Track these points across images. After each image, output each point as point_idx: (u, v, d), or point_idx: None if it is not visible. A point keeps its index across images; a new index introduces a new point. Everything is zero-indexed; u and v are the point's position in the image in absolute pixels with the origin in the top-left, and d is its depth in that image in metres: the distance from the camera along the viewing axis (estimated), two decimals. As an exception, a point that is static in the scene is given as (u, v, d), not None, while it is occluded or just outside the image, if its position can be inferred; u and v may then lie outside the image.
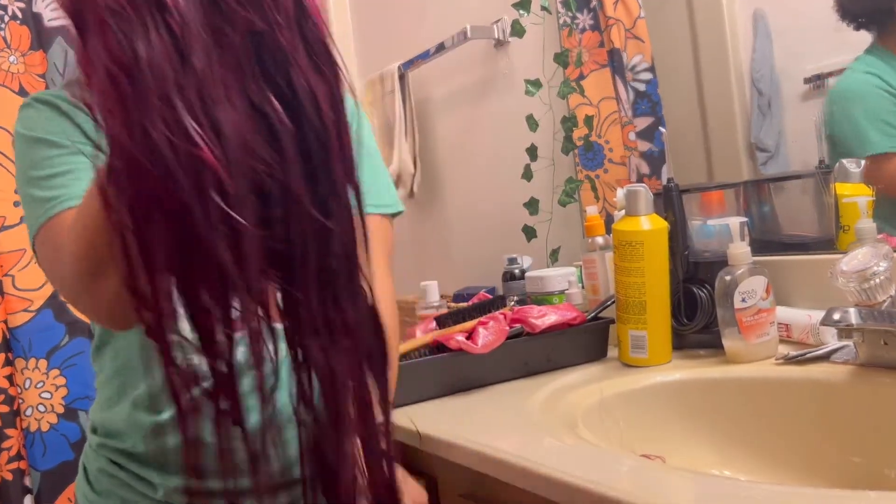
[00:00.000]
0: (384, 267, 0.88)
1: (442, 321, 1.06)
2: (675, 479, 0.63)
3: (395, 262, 0.92)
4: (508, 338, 1.03)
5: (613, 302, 1.08)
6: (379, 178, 0.91)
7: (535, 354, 1.05)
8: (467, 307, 1.09)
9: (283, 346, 0.79)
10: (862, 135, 1.07)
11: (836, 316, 0.83)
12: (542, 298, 1.27)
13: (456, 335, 1.00)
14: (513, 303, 1.17)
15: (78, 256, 0.54)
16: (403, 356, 0.99)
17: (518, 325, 1.06)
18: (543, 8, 1.51)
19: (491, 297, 1.16)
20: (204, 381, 0.47)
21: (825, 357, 0.91)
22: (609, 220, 1.30)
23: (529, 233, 1.57)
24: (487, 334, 1.01)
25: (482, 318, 1.04)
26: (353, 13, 2.29)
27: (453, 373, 0.99)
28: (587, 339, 1.09)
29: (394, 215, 0.93)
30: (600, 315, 1.14)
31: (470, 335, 1.02)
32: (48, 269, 0.71)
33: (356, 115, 0.90)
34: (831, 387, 0.86)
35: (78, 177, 0.74)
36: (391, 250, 0.92)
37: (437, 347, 1.01)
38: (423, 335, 1.03)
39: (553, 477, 0.65)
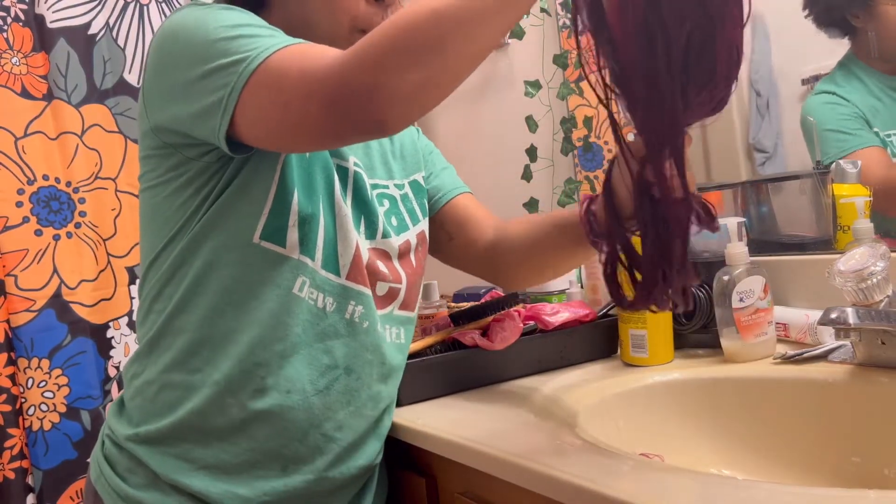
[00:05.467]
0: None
1: (456, 318, 1.07)
2: (674, 478, 0.64)
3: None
4: (522, 335, 1.04)
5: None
6: (451, 170, 1.07)
7: (548, 351, 1.06)
8: (481, 304, 1.10)
9: (369, 310, 0.86)
10: (820, 151, 1.11)
11: (834, 315, 0.83)
12: (542, 298, 1.28)
13: (471, 332, 1.01)
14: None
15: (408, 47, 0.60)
16: (419, 353, 1.00)
17: (531, 322, 1.07)
18: (543, 10, 1.52)
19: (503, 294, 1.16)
20: None
21: (823, 356, 0.92)
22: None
23: (529, 233, 1.58)
24: (502, 331, 1.01)
25: (497, 316, 1.05)
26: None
27: (468, 370, 1.00)
28: (598, 336, 1.10)
29: None
30: (610, 312, 1.15)
31: (485, 332, 1.03)
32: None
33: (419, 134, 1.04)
34: (829, 386, 0.86)
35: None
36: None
37: (452, 344, 1.02)
38: (437, 332, 1.04)
39: (552, 475, 0.66)
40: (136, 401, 0.84)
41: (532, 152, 1.56)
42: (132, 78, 1.73)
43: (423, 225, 0.96)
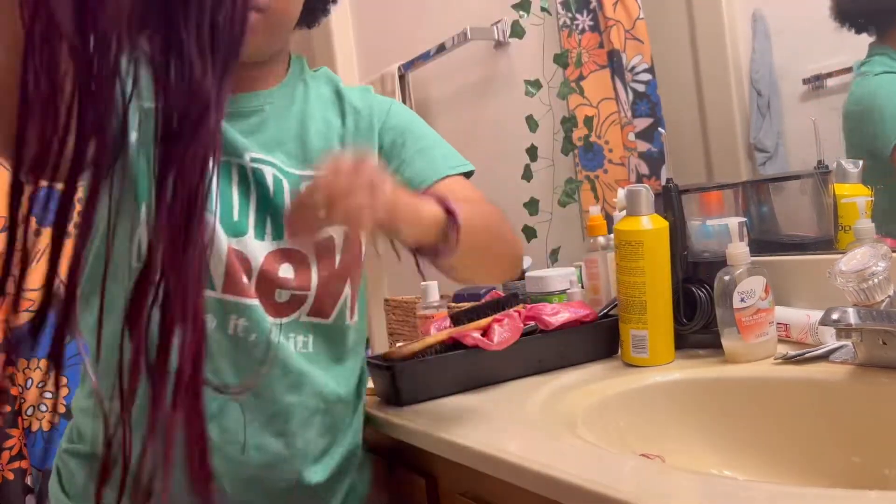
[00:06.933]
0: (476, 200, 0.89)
1: (457, 318, 1.06)
2: (675, 479, 0.64)
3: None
4: (523, 335, 1.03)
5: (618, 302, 1.08)
6: (433, 151, 0.94)
7: (548, 351, 1.06)
8: (482, 304, 1.09)
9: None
10: (889, 130, 1.04)
11: (835, 316, 0.83)
12: (542, 298, 1.28)
13: (472, 332, 1.01)
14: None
15: None
16: (419, 353, 0.99)
17: (532, 323, 1.07)
18: (543, 9, 1.52)
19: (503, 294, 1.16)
20: None
21: (824, 357, 0.91)
22: (608, 221, 1.30)
23: (529, 233, 1.58)
24: (503, 331, 1.01)
25: (497, 316, 1.05)
26: (353, 14, 2.29)
27: (469, 370, 1.00)
28: (599, 336, 1.10)
29: (467, 175, 0.97)
30: (611, 312, 1.14)
31: (485, 332, 1.02)
32: None
33: (381, 111, 0.92)
34: (830, 386, 0.86)
35: None
36: (482, 199, 0.93)
37: (453, 344, 1.02)
38: (438, 332, 1.04)
39: (552, 476, 0.66)
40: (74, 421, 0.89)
41: (532, 152, 1.56)
42: (132, 77, 1.73)
43: None
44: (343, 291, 0.86)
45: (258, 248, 0.81)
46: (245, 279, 0.79)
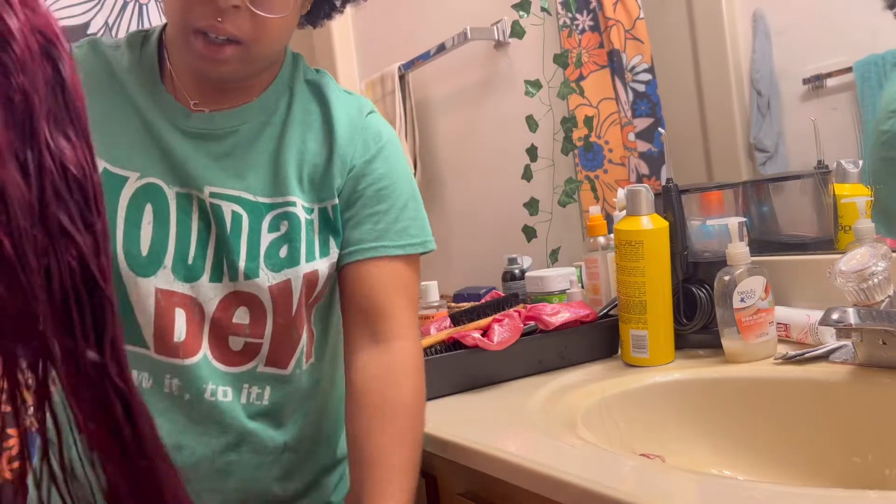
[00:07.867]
0: (403, 317, 0.80)
1: (457, 318, 1.06)
2: (675, 479, 0.64)
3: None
4: (523, 335, 1.03)
5: (616, 302, 1.08)
6: (388, 218, 0.83)
7: (548, 351, 1.06)
8: (482, 304, 1.10)
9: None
10: None
11: (835, 316, 0.83)
12: (542, 298, 1.28)
13: (472, 332, 1.01)
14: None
15: None
16: None
17: (532, 323, 1.07)
18: (543, 9, 1.52)
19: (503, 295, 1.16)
20: None
21: (824, 357, 0.91)
22: (608, 221, 1.30)
23: (529, 233, 1.58)
24: (503, 331, 1.01)
25: (497, 316, 1.05)
26: (354, 14, 2.29)
27: (469, 370, 1.00)
28: (599, 336, 1.10)
29: (420, 254, 0.85)
30: (611, 312, 1.14)
31: (485, 332, 1.02)
32: None
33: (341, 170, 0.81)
34: (830, 386, 0.86)
35: None
36: (411, 295, 0.83)
37: (453, 344, 1.02)
38: (438, 332, 1.04)
39: (552, 476, 0.66)
40: None
41: (532, 152, 1.56)
42: (132, 77, 1.73)
43: (320, 264, 0.80)
44: (300, 341, 0.81)
45: (211, 292, 0.77)
46: (176, 338, 0.76)
